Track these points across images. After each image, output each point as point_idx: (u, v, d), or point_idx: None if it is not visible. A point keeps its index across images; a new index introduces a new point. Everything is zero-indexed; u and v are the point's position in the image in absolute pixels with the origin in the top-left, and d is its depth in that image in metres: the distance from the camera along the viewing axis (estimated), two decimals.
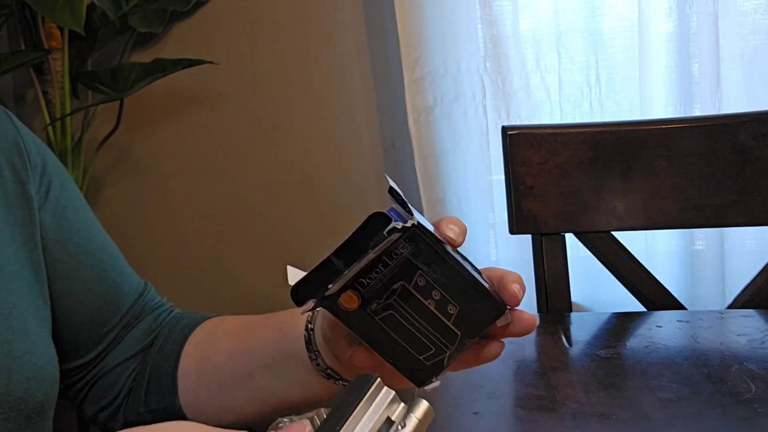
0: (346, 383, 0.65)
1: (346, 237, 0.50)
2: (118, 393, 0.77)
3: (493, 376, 0.86)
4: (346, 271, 0.50)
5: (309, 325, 0.66)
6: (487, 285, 0.53)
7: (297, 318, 0.67)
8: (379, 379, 0.45)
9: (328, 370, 0.65)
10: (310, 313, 0.63)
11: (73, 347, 0.75)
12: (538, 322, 0.56)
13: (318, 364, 0.65)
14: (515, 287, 0.53)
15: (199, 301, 1.70)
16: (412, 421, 0.45)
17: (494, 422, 0.75)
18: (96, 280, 0.76)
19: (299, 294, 0.51)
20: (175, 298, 0.85)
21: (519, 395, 0.82)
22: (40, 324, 0.71)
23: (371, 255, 0.49)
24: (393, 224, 0.49)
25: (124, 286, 0.78)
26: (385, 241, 0.49)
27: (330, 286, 0.50)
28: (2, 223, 0.69)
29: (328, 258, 0.50)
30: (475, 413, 0.74)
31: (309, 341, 0.65)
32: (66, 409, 0.79)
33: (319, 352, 0.65)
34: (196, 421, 0.73)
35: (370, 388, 0.45)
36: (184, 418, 0.75)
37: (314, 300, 0.51)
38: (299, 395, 0.69)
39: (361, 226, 0.50)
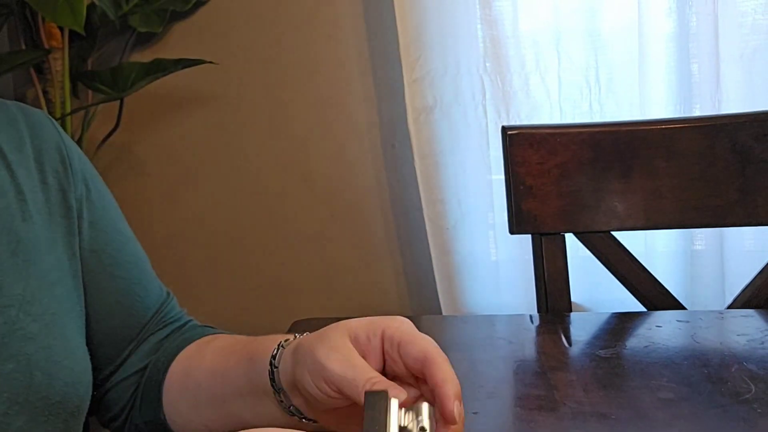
0: (308, 421, 0.63)
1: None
2: (125, 406, 0.77)
3: (493, 376, 0.86)
4: None
5: (273, 361, 0.63)
6: None
7: (269, 349, 0.65)
8: (387, 395, 0.48)
9: (291, 408, 0.63)
10: (275, 348, 0.63)
11: (94, 360, 0.75)
12: None
13: (281, 401, 0.64)
14: (454, 407, 0.52)
15: (198, 301, 1.70)
16: (426, 422, 0.49)
17: (494, 422, 0.75)
18: (123, 293, 0.77)
19: None
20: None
21: (519, 395, 0.82)
22: (78, 331, 0.71)
23: None
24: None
25: (146, 301, 0.78)
26: None
27: None
28: (46, 231, 0.70)
29: None
30: (475, 413, 0.75)
31: (273, 378, 0.63)
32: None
33: (283, 389, 0.63)
34: None
35: (385, 406, 0.48)
36: (168, 430, 0.75)
37: None
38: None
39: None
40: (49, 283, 0.68)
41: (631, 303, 1.18)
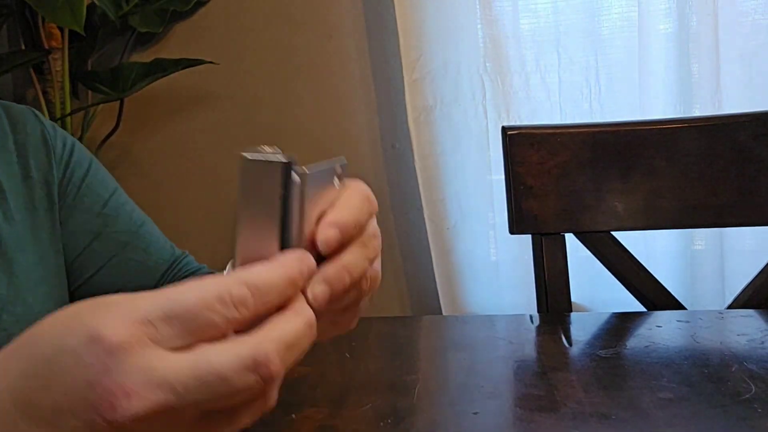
0: None
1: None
2: None
3: (493, 376, 0.86)
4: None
5: None
6: None
7: None
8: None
9: None
10: None
11: None
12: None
13: None
14: (329, 233, 0.43)
15: None
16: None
17: (494, 422, 0.75)
18: (122, 266, 0.76)
19: None
20: None
21: (519, 395, 0.82)
22: None
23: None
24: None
25: (149, 263, 0.78)
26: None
27: None
28: (27, 228, 0.70)
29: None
30: (475, 413, 0.75)
31: None
32: None
33: None
34: None
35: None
36: None
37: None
38: None
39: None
40: (32, 282, 0.68)
41: (631, 303, 1.18)
